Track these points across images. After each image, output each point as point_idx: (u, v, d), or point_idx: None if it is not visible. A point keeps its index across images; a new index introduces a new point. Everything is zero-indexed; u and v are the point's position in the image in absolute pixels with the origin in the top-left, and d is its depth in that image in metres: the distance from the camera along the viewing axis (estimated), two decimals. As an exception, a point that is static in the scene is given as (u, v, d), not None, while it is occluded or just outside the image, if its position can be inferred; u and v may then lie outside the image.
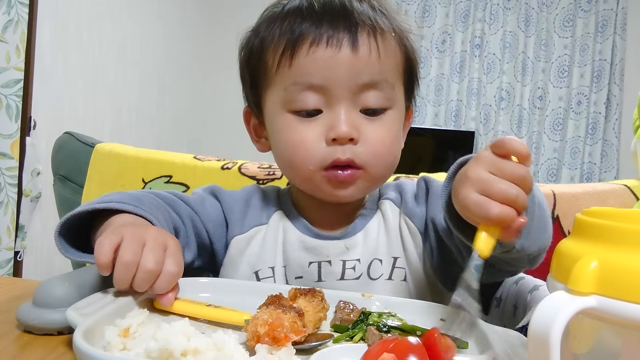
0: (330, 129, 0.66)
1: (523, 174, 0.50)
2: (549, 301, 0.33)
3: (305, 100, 0.67)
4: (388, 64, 0.70)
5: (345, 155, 0.67)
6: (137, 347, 0.41)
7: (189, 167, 1.13)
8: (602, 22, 3.73)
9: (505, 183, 0.49)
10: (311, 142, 0.67)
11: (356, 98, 0.68)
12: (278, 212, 0.77)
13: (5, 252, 1.97)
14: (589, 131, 3.75)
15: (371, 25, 0.68)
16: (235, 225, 0.76)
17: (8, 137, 1.96)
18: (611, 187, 1.09)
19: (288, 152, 0.70)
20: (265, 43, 0.71)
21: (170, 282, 0.53)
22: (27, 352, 0.45)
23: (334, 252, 0.72)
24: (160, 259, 0.53)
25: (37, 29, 2.03)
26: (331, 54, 0.66)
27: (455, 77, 3.93)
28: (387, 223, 0.75)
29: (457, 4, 3.90)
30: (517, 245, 0.54)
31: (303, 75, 0.67)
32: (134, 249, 0.51)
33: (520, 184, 0.49)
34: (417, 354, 0.39)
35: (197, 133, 3.75)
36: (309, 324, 0.49)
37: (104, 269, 0.51)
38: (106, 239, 0.52)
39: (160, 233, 0.56)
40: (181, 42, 3.47)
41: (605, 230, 0.34)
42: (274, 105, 0.71)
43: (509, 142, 0.50)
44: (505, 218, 0.49)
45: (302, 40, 0.66)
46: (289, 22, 0.68)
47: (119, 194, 0.66)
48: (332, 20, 0.67)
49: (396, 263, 0.72)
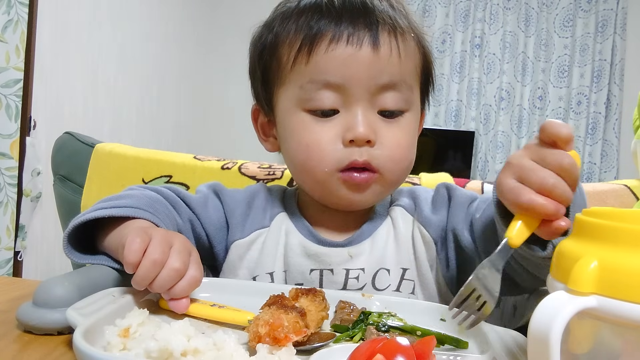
0: (348, 130, 0.64)
1: (565, 164, 0.46)
2: (549, 301, 0.33)
3: (322, 99, 0.65)
4: (407, 65, 0.68)
5: (363, 158, 0.65)
6: (137, 347, 0.41)
7: (189, 167, 1.13)
8: (602, 22, 3.73)
9: (543, 171, 0.47)
10: (327, 143, 0.65)
11: (374, 99, 0.66)
12: (281, 214, 0.74)
13: (5, 252, 1.96)
14: (589, 131, 3.75)
15: (391, 25, 0.66)
16: (236, 229, 0.74)
17: (8, 137, 1.96)
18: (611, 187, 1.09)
19: (301, 153, 0.67)
20: (280, 39, 0.68)
21: (192, 286, 0.53)
22: (27, 352, 0.45)
23: (337, 260, 0.69)
24: (187, 261, 0.53)
25: (37, 29, 2.03)
26: (351, 52, 0.64)
27: (455, 77, 3.93)
28: (398, 231, 0.71)
29: (457, 4, 3.90)
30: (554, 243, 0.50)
31: (321, 73, 0.65)
32: (163, 249, 0.52)
33: (562, 174, 0.47)
34: (406, 355, 0.38)
35: (197, 133, 3.75)
36: (312, 324, 0.49)
37: (132, 268, 0.51)
38: (137, 237, 0.52)
39: (186, 240, 0.57)
40: (181, 42, 3.47)
41: (605, 230, 0.34)
42: (287, 103, 0.68)
43: (549, 126, 0.47)
44: (536, 206, 0.46)
45: (320, 37, 0.64)
46: (305, 18, 0.66)
47: (132, 199, 0.64)
48: (352, 18, 0.64)
49: (405, 275, 0.69)
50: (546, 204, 0.46)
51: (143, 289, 0.52)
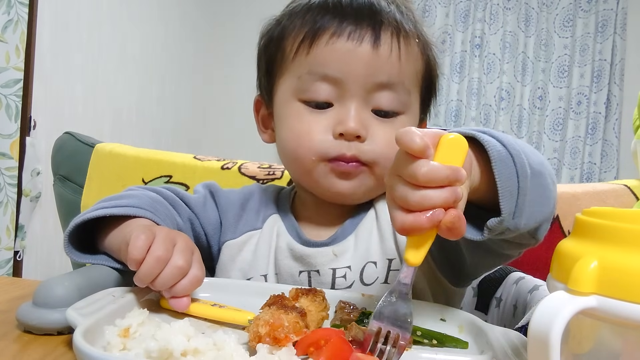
0: (339, 123, 0.65)
1: (420, 175, 0.41)
2: (549, 301, 0.33)
3: (318, 90, 0.66)
4: (408, 68, 0.68)
5: (351, 152, 0.65)
6: (137, 347, 0.41)
7: (189, 167, 1.13)
8: (602, 22, 3.72)
9: (403, 190, 0.42)
10: (317, 134, 0.66)
11: (369, 96, 0.66)
12: (274, 215, 0.74)
13: (5, 252, 1.96)
14: (589, 131, 3.74)
15: (396, 27, 0.66)
16: (228, 230, 0.74)
17: (8, 137, 1.95)
18: (611, 187, 1.09)
19: (292, 141, 0.68)
20: (286, 31, 0.70)
21: (194, 284, 0.53)
22: (27, 352, 0.45)
23: (322, 260, 0.68)
24: (190, 260, 0.53)
25: (37, 29, 2.03)
26: (351, 47, 0.64)
27: (455, 77, 3.93)
28: (380, 221, 0.70)
29: (457, 4, 3.90)
30: (509, 225, 0.48)
31: (319, 65, 0.66)
32: (166, 246, 0.52)
33: (423, 185, 0.42)
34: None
35: (197, 133, 3.75)
36: (312, 324, 0.49)
37: (135, 265, 0.51)
38: (142, 234, 0.52)
39: (188, 239, 0.57)
40: (181, 42, 3.47)
41: (605, 230, 0.34)
42: (285, 92, 0.69)
43: (399, 138, 0.43)
44: (408, 228, 0.42)
45: (323, 31, 0.65)
46: (312, 14, 0.67)
47: (133, 199, 0.65)
48: (356, 16, 0.65)
49: (391, 265, 0.68)
50: (417, 221, 0.42)
51: (145, 287, 0.52)
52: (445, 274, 0.68)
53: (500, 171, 0.47)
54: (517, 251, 0.60)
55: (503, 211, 0.47)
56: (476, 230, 0.50)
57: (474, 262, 0.64)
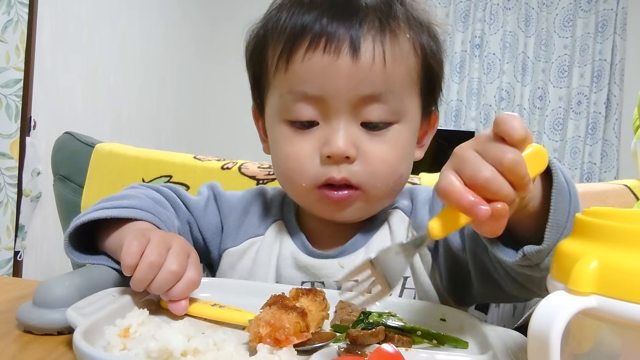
0: (325, 144, 0.61)
1: (506, 161, 0.40)
2: (549, 301, 0.33)
3: (300, 110, 0.62)
4: (396, 72, 0.61)
5: (341, 175, 0.61)
6: (137, 347, 0.41)
7: (189, 167, 1.13)
8: (602, 22, 3.72)
9: (479, 164, 0.41)
10: (305, 158, 0.62)
11: (356, 111, 0.61)
12: (278, 222, 0.72)
13: (5, 252, 1.96)
14: (589, 131, 3.74)
15: (379, 23, 0.60)
16: (229, 236, 0.72)
17: (8, 137, 1.95)
18: (611, 187, 1.09)
19: (282, 165, 0.65)
20: (267, 39, 0.65)
21: (189, 288, 0.53)
22: (27, 352, 0.45)
23: (327, 272, 0.66)
24: (184, 263, 0.53)
25: (37, 29, 2.03)
26: (328, 61, 0.59)
27: (455, 77, 3.93)
28: (395, 238, 0.67)
29: (457, 4, 3.90)
30: (543, 259, 0.47)
31: (298, 84, 0.61)
32: (160, 251, 0.52)
33: (502, 171, 0.41)
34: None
35: (197, 133, 3.75)
36: (312, 324, 0.49)
37: (129, 270, 0.51)
38: (135, 239, 0.52)
39: (185, 241, 0.57)
40: (181, 42, 3.47)
41: (605, 230, 0.34)
42: (271, 110, 0.67)
43: (502, 121, 0.42)
44: (450, 195, 0.41)
45: (299, 42, 0.60)
46: (288, 14, 0.62)
47: (133, 199, 0.64)
48: (334, 16, 0.60)
49: (406, 283, 0.66)
50: (460, 195, 0.40)
51: (142, 291, 0.52)
52: (451, 293, 0.67)
53: (557, 201, 0.46)
54: (524, 297, 0.58)
55: (546, 241, 0.46)
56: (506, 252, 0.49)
57: (479, 291, 0.63)
